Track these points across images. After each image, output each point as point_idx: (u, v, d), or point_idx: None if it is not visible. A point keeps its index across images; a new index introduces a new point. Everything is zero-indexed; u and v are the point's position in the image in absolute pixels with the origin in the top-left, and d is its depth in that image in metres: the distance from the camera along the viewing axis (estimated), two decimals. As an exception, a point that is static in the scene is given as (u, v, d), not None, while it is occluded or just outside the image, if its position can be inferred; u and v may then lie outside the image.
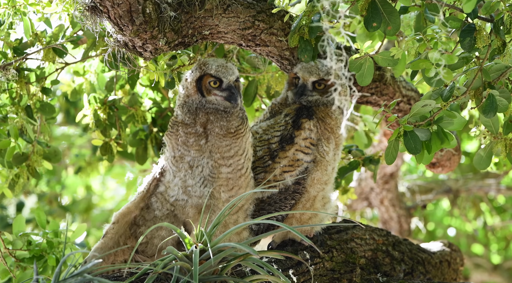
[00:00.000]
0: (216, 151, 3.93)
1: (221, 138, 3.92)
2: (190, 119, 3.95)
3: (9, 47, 4.56)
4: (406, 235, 7.91)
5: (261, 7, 4.18)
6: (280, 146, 4.15)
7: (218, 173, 3.96)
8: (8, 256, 4.47)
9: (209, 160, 3.94)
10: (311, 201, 4.21)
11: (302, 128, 4.16)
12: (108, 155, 4.95)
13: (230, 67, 3.98)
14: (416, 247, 4.83)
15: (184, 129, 3.95)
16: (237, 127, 3.96)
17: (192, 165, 3.96)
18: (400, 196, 7.95)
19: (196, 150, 3.94)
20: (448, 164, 5.51)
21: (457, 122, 3.79)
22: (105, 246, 4.11)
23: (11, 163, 4.61)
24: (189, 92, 3.98)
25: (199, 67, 3.99)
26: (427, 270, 4.78)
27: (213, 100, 3.95)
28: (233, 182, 4.00)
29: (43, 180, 10.13)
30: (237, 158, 3.97)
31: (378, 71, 4.62)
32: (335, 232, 4.45)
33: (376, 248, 4.53)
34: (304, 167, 4.16)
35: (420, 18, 3.85)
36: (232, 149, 3.95)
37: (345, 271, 4.31)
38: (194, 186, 3.99)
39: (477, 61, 3.87)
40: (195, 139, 3.94)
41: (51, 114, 4.76)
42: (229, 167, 3.97)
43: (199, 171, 3.97)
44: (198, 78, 3.97)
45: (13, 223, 4.57)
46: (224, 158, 3.94)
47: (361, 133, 5.33)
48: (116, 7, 3.76)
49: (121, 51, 4.14)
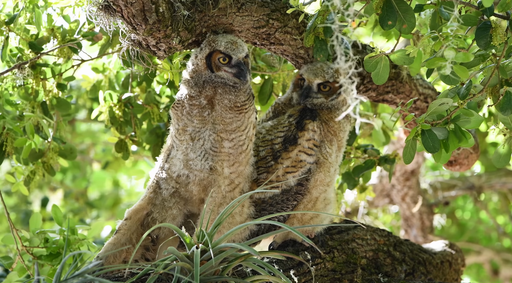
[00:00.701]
0: (220, 122, 3.94)
1: (227, 110, 3.94)
2: (195, 92, 3.97)
3: (25, 42, 4.58)
4: (428, 232, 7.86)
5: (275, 6, 4.16)
6: (283, 147, 4.14)
7: (220, 147, 3.97)
8: (26, 253, 4.49)
9: (211, 133, 3.96)
10: (312, 202, 4.21)
11: (306, 129, 4.15)
12: (123, 152, 4.96)
13: (239, 43, 4.00)
14: (417, 248, 4.82)
15: (189, 101, 3.97)
16: (244, 102, 3.98)
17: (194, 137, 3.98)
18: (422, 193, 7.89)
19: (199, 120, 3.96)
20: (466, 162, 5.47)
21: (474, 121, 3.76)
22: (117, 242, 4.13)
23: (27, 159, 4.64)
24: (199, 68, 4.00)
25: (208, 43, 4.01)
26: (428, 270, 4.76)
27: (222, 75, 3.97)
28: (234, 158, 4.01)
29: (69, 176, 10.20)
30: (239, 133, 3.98)
31: (394, 70, 4.60)
32: (336, 232, 4.45)
33: (377, 249, 4.52)
34: (307, 168, 4.15)
35: (436, 16, 3.82)
36: (234, 123, 3.96)
37: (346, 272, 4.30)
38: (195, 160, 4.01)
39: (494, 58, 3.83)
40: (199, 111, 3.95)
41: (67, 111, 4.78)
42: (231, 141, 3.98)
43: (200, 145, 3.98)
44: (207, 55, 3.99)
45: (30, 220, 4.59)
46: (227, 131, 3.95)
47: (379, 131, 5.30)
48: (129, 6, 3.76)
49: (135, 50, 4.14)
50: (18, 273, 4.56)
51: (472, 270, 10.55)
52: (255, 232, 4.20)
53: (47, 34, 4.59)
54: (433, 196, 8.35)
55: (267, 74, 4.84)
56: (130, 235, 4.17)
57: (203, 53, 4.00)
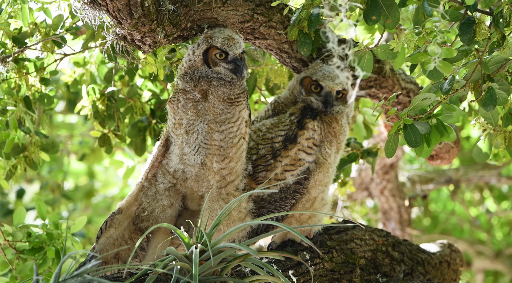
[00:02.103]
0: (211, 112, 3.94)
1: (220, 102, 3.94)
2: (190, 87, 3.97)
3: (8, 37, 4.55)
4: (406, 225, 7.92)
5: (260, 0, 4.16)
6: (283, 145, 4.15)
7: (211, 139, 3.96)
8: (8, 248, 4.47)
9: (204, 125, 3.95)
10: (311, 202, 4.22)
11: (306, 128, 4.16)
12: (106, 146, 4.95)
13: (237, 39, 4.00)
14: (415, 248, 4.83)
15: (183, 95, 3.97)
16: (238, 94, 3.98)
17: (188, 130, 3.97)
18: (400, 186, 7.95)
19: (193, 113, 3.95)
20: (447, 156, 5.52)
21: (456, 115, 3.80)
22: (110, 236, 4.16)
23: (9, 154, 4.61)
24: (196, 64, 3.99)
25: (205, 39, 4.01)
26: (427, 270, 4.78)
27: (219, 70, 3.97)
28: (224, 152, 4.00)
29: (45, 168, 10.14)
30: (230, 125, 3.97)
31: (377, 64, 4.61)
32: (335, 232, 4.45)
33: (376, 249, 4.53)
34: (306, 167, 4.16)
35: (419, 11, 3.84)
36: (224, 114, 3.95)
37: (345, 272, 4.31)
38: (189, 155, 4.01)
39: (477, 54, 3.87)
40: (193, 104, 3.95)
41: (50, 105, 4.75)
42: (222, 133, 3.97)
43: (194, 138, 3.98)
44: (204, 51, 3.99)
45: (13, 215, 4.57)
46: (217, 122, 3.95)
47: (360, 125, 5.33)
48: (114, 1, 3.75)
49: (119, 44, 4.13)
50: (0, 267, 4.54)
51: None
52: (254, 230, 4.19)
53: (30, 29, 4.57)
54: (411, 190, 8.42)
55: (251, 68, 4.84)
56: (122, 230, 4.18)
57: (200, 49, 4.00)
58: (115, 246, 4.18)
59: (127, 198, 4.21)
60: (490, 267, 10.03)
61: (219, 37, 3.97)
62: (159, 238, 4.20)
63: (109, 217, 4.18)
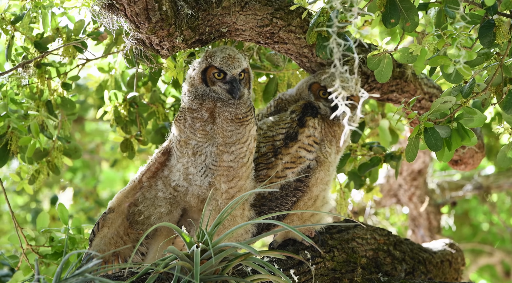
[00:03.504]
0: (220, 135, 3.92)
1: (228, 123, 3.91)
2: (196, 105, 3.95)
3: (30, 41, 4.59)
4: (436, 232, 7.86)
5: (279, 5, 4.16)
6: (284, 143, 4.14)
7: (220, 161, 3.94)
8: (31, 253, 4.51)
9: (213, 147, 3.94)
10: (313, 200, 4.21)
11: (306, 125, 4.16)
12: (128, 151, 4.97)
13: (237, 58, 3.96)
14: (417, 247, 4.81)
15: (191, 114, 3.95)
16: (245, 113, 3.96)
17: (196, 152, 3.95)
18: (429, 193, 7.89)
19: (202, 135, 3.93)
20: (471, 162, 5.47)
21: (477, 119, 3.76)
22: (104, 236, 4.15)
23: (32, 159, 4.65)
24: (195, 82, 3.98)
25: (205, 58, 3.99)
26: (428, 269, 4.76)
27: (217, 90, 3.95)
28: (234, 172, 3.98)
29: (78, 175, 10.23)
30: (239, 145, 3.95)
31: (398, 68, 4.59)
32: (336, 231, 4.46)
33: (377, 248, 4.52)
34: (306, 164, 4.16)
35: (441, 15, 3.81)
36: (234, 136, 3.93)
37: (346, 271, 4.30)
38: (195, 175, 4.00)
39: (497, 57, 3.82)
40: (201, 124, 3.93)
41: (72, 110, 4.79)
42: (231, 154, 3.95)
43: (202, 160, 3.96)
44: (203, 69, 3.97)
45: (36, 219, 4.62)
46: (227, 144, 3.93)
47: (385, 130, 5.29)
48: (132, 5, 3.77)
49: (138, 49, 4.15)
50: (23, 272, 4.58)
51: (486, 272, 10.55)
52: (256, 234, 4.18)
53: (52, 34, 4.61)
54: (440, 196, 8.34)
55: (272, 73, 4.84)
56: (116, 228, 4.19)
57: (200, 67, 3.99)
58: (111, 245, 4.18)
59: (118, 195, 4.18)
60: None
61: (218, 57, 3.94)
62: (159, 241, 4.20)
63: (101, 218, 4.16)
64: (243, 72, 3.99)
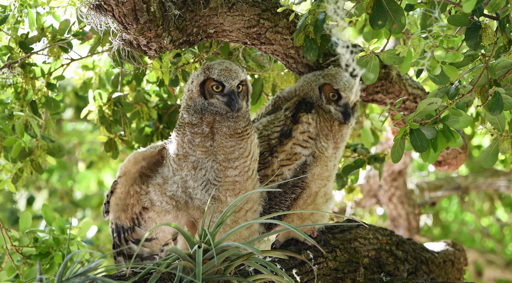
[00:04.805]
0: (221, 152, 3.90)
1: (227, 138, 3.90)
2: (196, 119, 3.92)
3: (15, 41, 4.57)
4: (415, 233, 7.90)
5: (266, 6, 4.17)
6: (279, 141, 4.14)
7: (224, 176, 3.93)
8: (15, 253, 4.48)
9: (214, 163, 3.92)
10: (312, 197, 4.21)
11: (300, 122, 4.16)
12: (112, 151, 4.95)
13: (234, 70, 3.95)
14: (419, 247, 4.83)
15: (191, 129, 3.92)
16: (244, 127, 3.94)
17: (196, 166, 3.93)
18: (408, 193, 7.93)
19: (202, 151, 3.91)
20: (454, 162, 5.50)
21: (463, 120, 3.78)
22: (117, 198, 4.19)
23: (15, 158, 4.62)
24: (193, 95, 3.96)
25: (203, 71, 3.97)
26: (431, 269, 4.78)
27: (215, 103, 3.93)
28: (240, 186, 3.97)
29: (55, 175, 10.17)
30: (243, 160, 3.94)
31: (384, 69, 4.61)
32: (338, 231, 4.46)
33: (380, 248, 4.53)
34: (303, 161, 4.16)
35: (426, 16, 3.84)
36: (237, 151, 3.92)
37: (348, 271, 4.31)
38: (195, 189, 3.97)
39: (483, 59, 3.85)
40: (201, 140, 3.91)
41: (56, 109, 4.77)
42: (236, 169, 3.94)
43: (202, 174, 3.94)
44: (202, 82, 3.95)
45: (20, 220, 4.58)
46: (229, 160, 3.91)
47: (367, 131, 5.32)
48: (120, 6, 3.76)
49: (126, 49, 4.14)
50: (8, 272, 4.55)
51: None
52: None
53: (37, 34, 4.58)
54: (419, 197, 8.39)
55: (257, 74, 4.84)
56: (128, 188, 4.18)
57: (198, 80, 3.96)
58: (125, 200, 4.20)
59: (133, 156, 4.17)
60: (501, 277, 9.98)
61: (216, 69, 3.93)
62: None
63: (113, 184, 4.20)
64: (241, 84, 3.97)
